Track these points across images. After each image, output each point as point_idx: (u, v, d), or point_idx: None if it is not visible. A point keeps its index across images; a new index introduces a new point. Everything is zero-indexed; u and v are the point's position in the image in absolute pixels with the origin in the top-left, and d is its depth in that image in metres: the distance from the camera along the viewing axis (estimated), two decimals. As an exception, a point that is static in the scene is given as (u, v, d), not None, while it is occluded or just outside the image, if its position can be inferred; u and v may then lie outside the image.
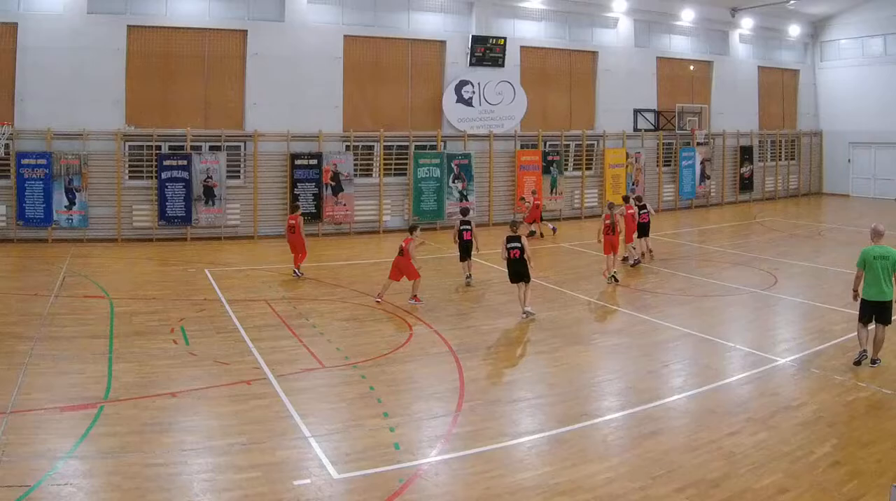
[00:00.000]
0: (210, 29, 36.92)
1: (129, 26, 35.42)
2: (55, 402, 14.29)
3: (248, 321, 20.61)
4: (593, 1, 44.64)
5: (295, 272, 27.20)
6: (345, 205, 38.78)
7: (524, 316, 21.33)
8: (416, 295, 23.18)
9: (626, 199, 31.26)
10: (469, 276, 26.34)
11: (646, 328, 20.55)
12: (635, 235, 30.07)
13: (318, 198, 38.23)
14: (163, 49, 36.44)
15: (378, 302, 22.84)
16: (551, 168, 43.62)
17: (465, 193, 41.12)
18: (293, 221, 27.50)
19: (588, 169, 45.41)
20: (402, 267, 23.24)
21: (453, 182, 41.12)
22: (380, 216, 39.74)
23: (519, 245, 21.60)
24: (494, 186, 42.36)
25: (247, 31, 37.49)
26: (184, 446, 12.69)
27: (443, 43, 41.90)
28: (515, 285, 21.98)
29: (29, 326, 19.54)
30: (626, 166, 46.05)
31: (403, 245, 23.24)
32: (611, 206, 27.90)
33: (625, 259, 29.60)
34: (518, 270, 21.75)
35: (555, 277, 27.13)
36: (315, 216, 37.87)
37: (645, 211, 29.74)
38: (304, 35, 38.43)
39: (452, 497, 11.14)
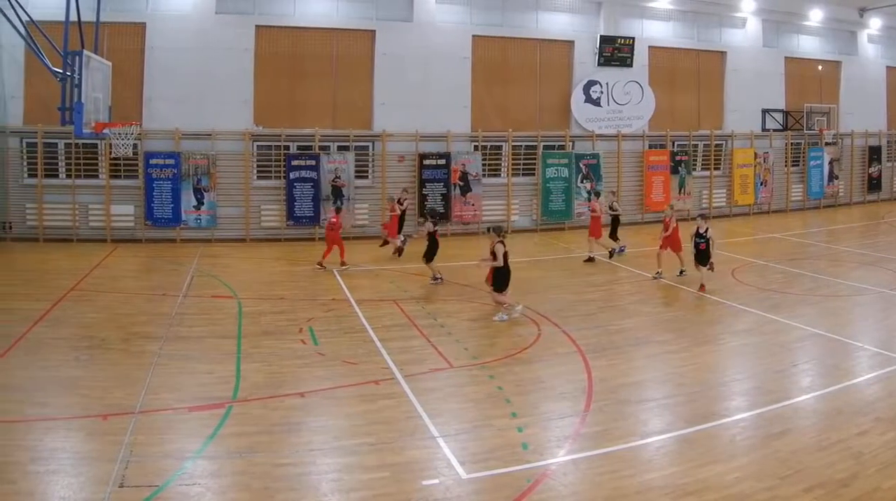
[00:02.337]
0: (338, 29, 33.52)
1: (257, 26, 32.44)
2: (184, 402, 13.29)
3: (376, 321, 18.97)
4: (721, 1, 40.01)
5: (320, 264, 25.65)
6: (473, 205, 34.88)
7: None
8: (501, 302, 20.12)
9: (597, 194, 29.63)
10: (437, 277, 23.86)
11: (774, 328, 18.64)
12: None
13: (446, 198, 34.51)
14: (291, 49, 33.23)
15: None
16: (679, 168, 39.04)
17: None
18: (335, 220, 25.82)
19: (716, 169, 40.38)
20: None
21: (581, 182, 36.82)
22: (508, 216, 35.36)
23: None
24: (623, 186, 37.70)
25: (375, 30, 33.87)
26: (312, 446, 11.73)
27: (571, 43, 37.28)
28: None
29: (157, 326, 18.16)
30: (755, 166, 41.44)
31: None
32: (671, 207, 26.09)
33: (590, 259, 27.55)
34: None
35: (683, 277, 24.35)
36: (443, 216, 33.80)
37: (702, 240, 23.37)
38: (432, 35, 34.53)
39: (580, 498, 10.16)
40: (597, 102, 38.04)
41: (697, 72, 40.83)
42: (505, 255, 19.00)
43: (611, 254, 27.54)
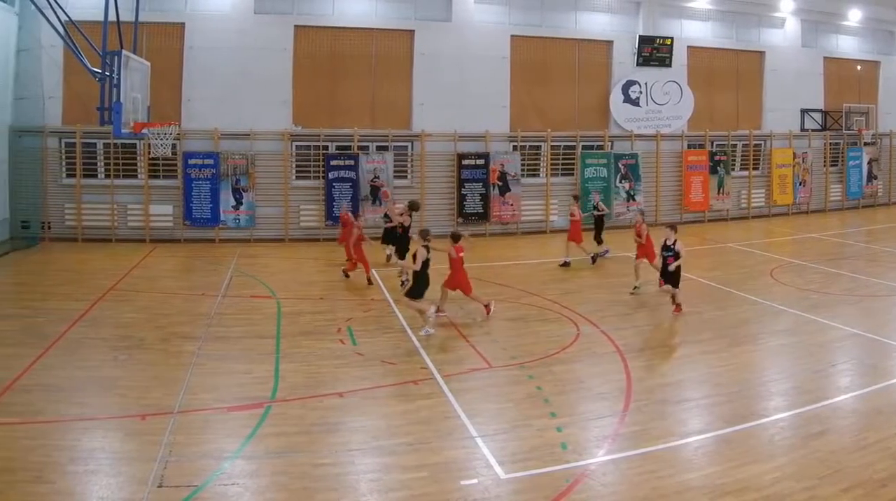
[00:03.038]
0: (377, 29, 32.19)
1: (295, 26, 31.33)
2: (222, 402, 12.98)
3: (415, 321, 17.99)
4: (760, 1, 38.21)
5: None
6: (511, 204, 33.36)
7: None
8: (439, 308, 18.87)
9: (576, 198, 27.64)
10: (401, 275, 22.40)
11: (812, 328, 18.05)
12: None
13: (484, 198, 33.02)
14: (330, 49, 31.98)
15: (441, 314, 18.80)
16: (718, 168, 37.57)
17: (632, 193, 35.82)
18: (345, 215, 24.74)
19: (755, 169, 38.66)
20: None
21: (620, 182, 35.32)
22: (546, 216, 34.25)
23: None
24: (662, 186, 36.83)
25: (414, 30, 32.54)
26: (351, 446, 11.41)
27: (609, 43, 35.66)
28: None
29: (196, 326, 17.66)
30: (793, 166, 39.65)
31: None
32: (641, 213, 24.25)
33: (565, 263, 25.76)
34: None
35: (722, 277, 23.64)
36: (482, 216, 33.17)
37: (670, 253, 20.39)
38: (471, 35, 33.20)
39: (619, 498, 9.82)
40: (636, 102, 36.49)
41: (736, 72, 39.00)
42: (425, 262, 17.52)
43: (594, 259, 26.00)
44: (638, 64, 36.28)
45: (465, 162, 32.60)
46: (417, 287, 17.55)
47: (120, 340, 16.30)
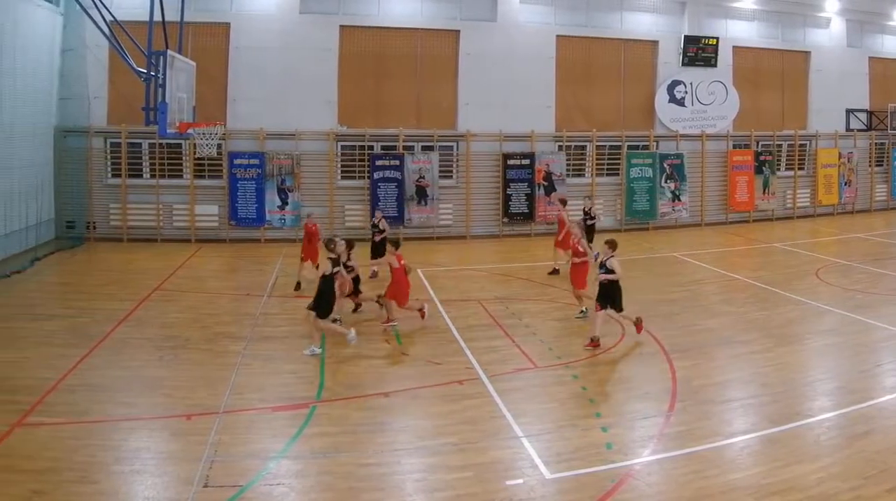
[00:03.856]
0: (422, 29, 30.89)
1: (341, 26, 30.12)
2: (268, 402, 12.51)
3: (460, 321, 17.58)
4: (806, 1, 36.17)
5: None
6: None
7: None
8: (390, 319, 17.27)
9: (563, 202, 25.48)
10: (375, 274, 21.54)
11: (858, 328, 17.22)
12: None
13: (530, 198, 31.57)
14: (375, 49, 30.69)
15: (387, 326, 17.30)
16: (763, 168, 35.81)
17: (677, 193, 34.03)
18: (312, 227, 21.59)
19: (800, 169, 36.97)
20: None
21: (665, 182, 33.71)
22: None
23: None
24: (707, 186, 35.01)
25: (459, 31, 31.17)
26: (396, 446, 10.93)
27: (655, 43, 33.97)
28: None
29: (242, 326, 17.02)
30: (839, 166, 37.59)
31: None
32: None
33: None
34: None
35: (767, 277, 22.57)
36: (527, 216, 31.64)
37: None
38: (516, 35, 31.69)
39: (664, 498, 9.36)
40: (681, 102, 34.63)
41: (781, 72, 36.96)
42: (330, 276, 15.50)
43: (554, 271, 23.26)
44: (683, 64, 34.49)
45: (511, 162, 31.24)
46: (322, 302, 15.35)
47: (165, 340, 15.71)
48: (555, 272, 22.84)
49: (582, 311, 17.89)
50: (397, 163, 29.90)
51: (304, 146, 29.23)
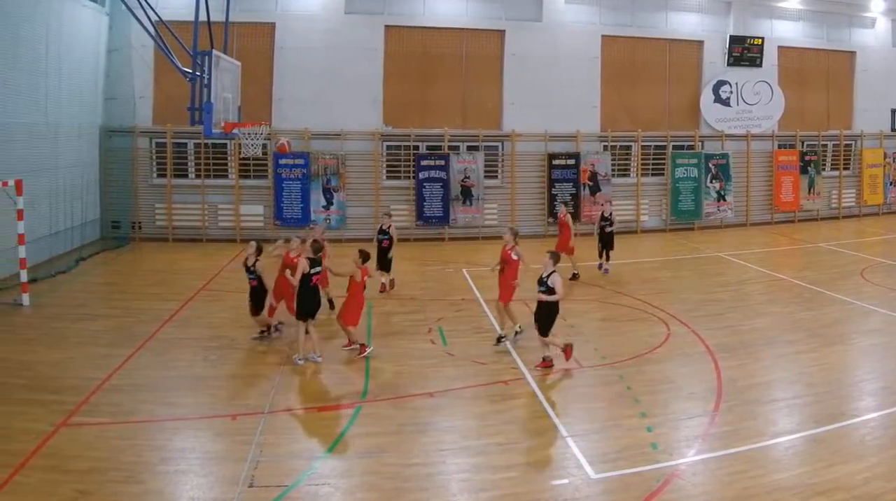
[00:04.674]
0: (467, 29, 29.39)
1: (386, 26, 28.74)
2: (312, 402, 12.22)
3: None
4: (851, 1, 34.21)
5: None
6: (602, 205, 29.06)
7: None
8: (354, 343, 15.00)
9: (565, 204, 23.68)
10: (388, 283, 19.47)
11: None
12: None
13: (575, 197, 29.93)
14: (420, 49, 29.27)
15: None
16: (809, 168, 33.94)
17: (722, 193, 32.28)
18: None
19: (845, 169, 35.11)
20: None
21: (711, 182, 32.02)
22: (637, 216, 31.24)
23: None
24: (752, 186, 33.15)
25: (504, 30, 29.59)
26: (441, 446, 10.52)
27: (700, 43, 32.18)
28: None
29: (286, 326, 15.77)
30: (884, 166, 35.62)
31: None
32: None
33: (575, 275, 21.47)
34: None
35: (812, 277, 21.68)
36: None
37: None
38: (561, 35, 30.09)
39: (709, 497, 9.03)
40: (726, 102, 32.82)
41: (827, 72, 34.92)
42: (305, 277, 13.85)
43: (574, 276, 21.37)
44: (728, 64, 32.62)
45: (556, 162, 29.80)
46: (303, 304, 13.95)
47: (210, 340, 15.16)
48: (575, 277, 21.31)
49: (517, 331, 15.33)
50: (443, 163, 28.60)
51: (349, 146, 28.05)
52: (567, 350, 13.88)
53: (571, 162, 29.93)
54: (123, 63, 26.89)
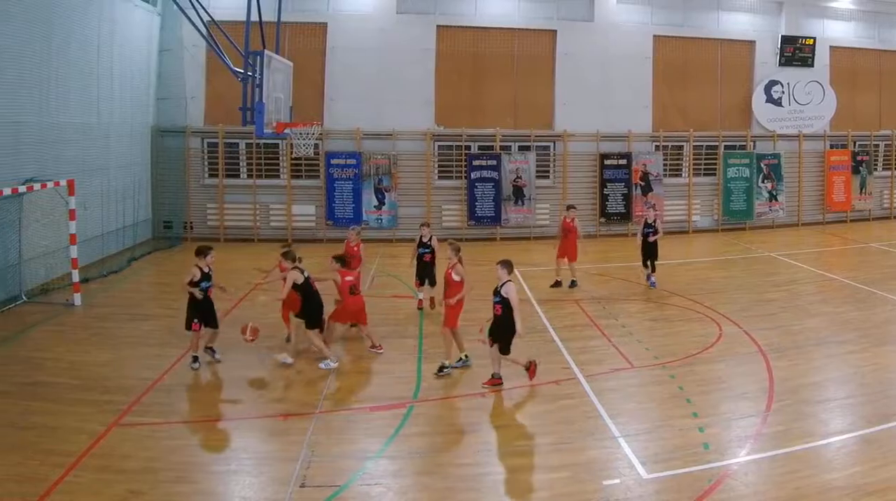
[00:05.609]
0: (519, 29, 27.80)
1: (438, 26, 27.23)
2: (364, 402, 11.59)
3: (557, 321, 16.14)
4: (903, 0, 31.64)
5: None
6: (654, 205, 27.06)
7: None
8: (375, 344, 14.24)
9: (572, 207, 20.07)
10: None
11: None
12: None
13: (626, 198, 28.40)
14: (472, 49, 27.72)
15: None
16: (860, 168, 31.93)
17: (774, 193, 30.47)
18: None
19: None
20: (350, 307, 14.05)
21: (762, 182, 30.28)
22: (689, 216, 29.38)
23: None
24: (804, 186, 31.21)
25: (556, 31, 27.96)
26: (492, 446, 10.05)
27: (752, 43, 30.44)
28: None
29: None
30: (936, 167, 32.61)
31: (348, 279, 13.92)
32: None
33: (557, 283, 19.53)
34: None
35: (864, 277, 20.47)
36: (624, 216, 28.38)
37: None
38: (613, 35, 28.34)
39: (761, 498, 8.61)
40: (778, 102, 30.90)
41: (878, 72, 32.76)
42: (305, 282, 13.09)
43: (568, 284, 19.51)
44: (780, 64, 30.72)
45: (608, 162, 28.15)
46: (309, 316, 13.13)
47: (262, 340, 14.03)
48: (557, 284, 19.44)
49: (461, 359, 13.25)
50: (494, 163, 26.97)
51: (400, 146, 26.65)
52: (531, 368, 12.27)
53: (623, 162, 28.34)
54: (175, 63, 25.66)
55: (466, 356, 13.14)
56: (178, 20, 23.74)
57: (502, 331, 11.86)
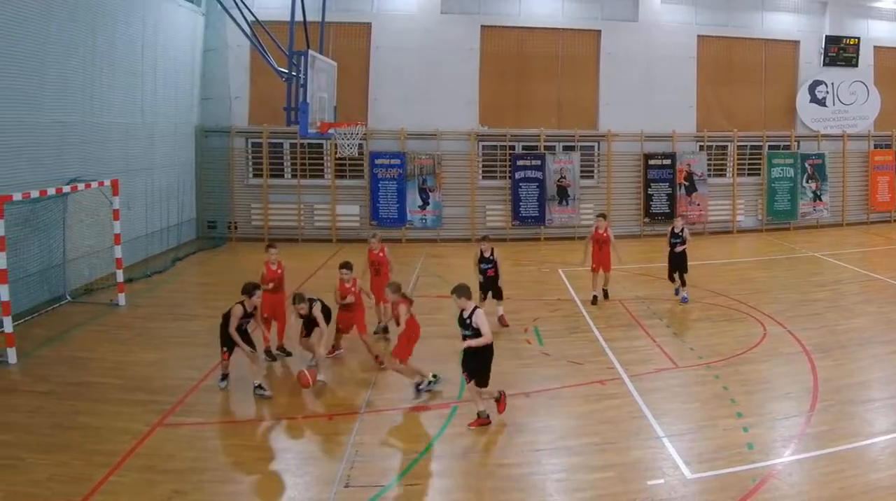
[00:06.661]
0: (563, 29, 26.22)
1: (482, 26, 25.73)
2: (409, 402, 10.97)
3: (601, 321, 15.40)
4: (947, 0, 29.79)
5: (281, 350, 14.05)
6: (698, 204, 27.12)
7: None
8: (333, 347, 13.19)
9: (602, 216, 17.95)
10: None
11: None
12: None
13: (671, 198, 26.69)
14: (516, 49, 26.16)
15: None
16: (905, 169, 29.24)
17: (818, 193, 28.70)
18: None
19: None
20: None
21: (807, 182, 28.50)
22: (733, 216, 27.69)
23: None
24: (848, 186, 29.42)
25: (600, 30, 26.38)
26: (537, 446, 9.64)
27: (796, 43, 28.69)
28: None
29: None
30: (980, 168, 30.83)
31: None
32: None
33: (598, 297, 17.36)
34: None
35: None
36: (668, 216, 26.10)
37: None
38: (657, 35, 26.69)
39: (805, 498, 8.20)
40: (822, 102, 29.10)
41: (923, 72, 30.23)
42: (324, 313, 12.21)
43: (602, 295, 17.51)
44: (824, 64, 28.93)
45: (652, 162, 26.53)
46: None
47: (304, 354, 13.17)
48: (594, 301, 17.27)
49: (430, 381, 11.67)
50: (538, 162, 25.46)
51: (445, 146, 25.21)
52: (501, 400, 10.40)
53: (667, 162, 26.68)
54: (219, 63, 24.52)
55: (436, 376, 11.62)
56: (223, 20, 22.77)
57: (478, 362, 10.13)
